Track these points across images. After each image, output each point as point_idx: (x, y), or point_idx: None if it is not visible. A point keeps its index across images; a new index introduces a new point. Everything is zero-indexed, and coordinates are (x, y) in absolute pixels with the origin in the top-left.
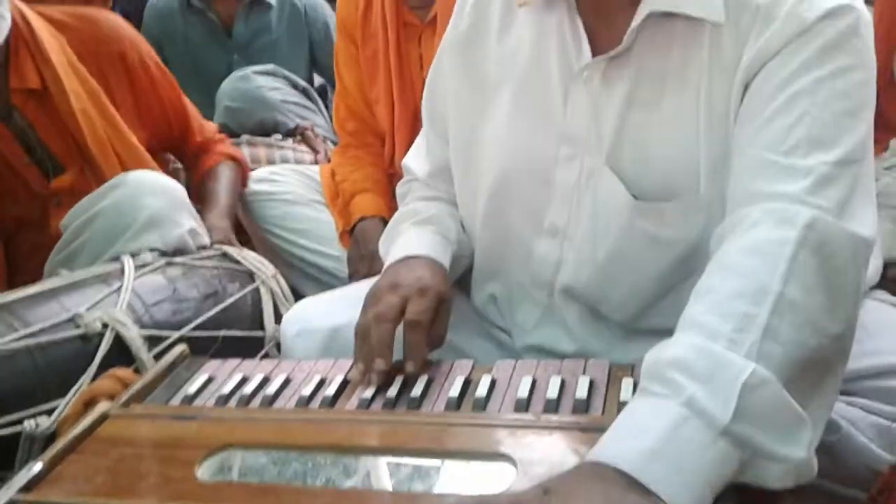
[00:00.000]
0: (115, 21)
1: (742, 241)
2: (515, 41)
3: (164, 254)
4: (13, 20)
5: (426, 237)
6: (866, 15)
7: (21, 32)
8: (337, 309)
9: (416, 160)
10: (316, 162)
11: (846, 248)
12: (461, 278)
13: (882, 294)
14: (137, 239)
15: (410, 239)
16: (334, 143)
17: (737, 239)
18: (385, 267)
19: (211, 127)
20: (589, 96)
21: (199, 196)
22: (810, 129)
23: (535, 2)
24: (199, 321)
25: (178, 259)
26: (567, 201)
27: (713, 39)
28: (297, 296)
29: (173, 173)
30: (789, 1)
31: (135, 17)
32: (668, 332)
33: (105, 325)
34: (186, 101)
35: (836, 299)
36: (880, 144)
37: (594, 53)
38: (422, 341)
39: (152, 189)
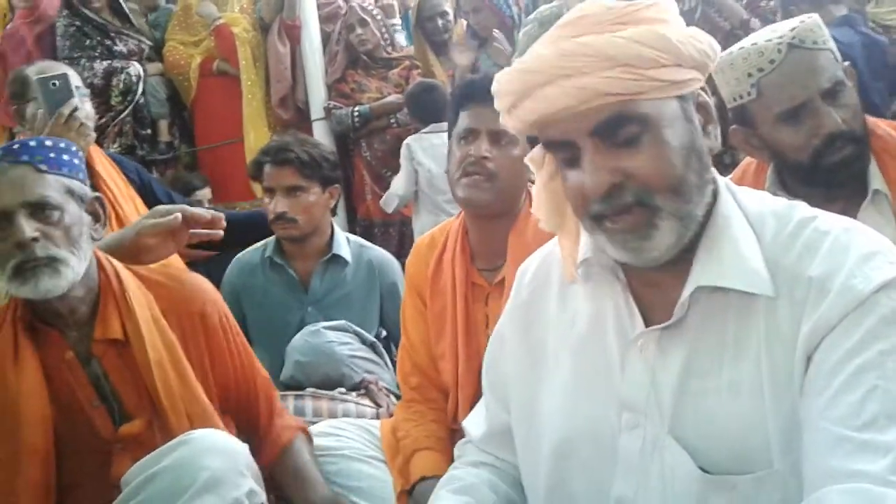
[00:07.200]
0: (200, 282)
1: None
2: (573, 310)
3: None
4: (106, 275)
5: None
6: None
7: (111, 287)
8: None
9: (473, 422)
10: (378, 416)
11: None
12: None
13: None
14: (195, 501)
15: None
16: (398, 398)
17: None
18: None
19: (275, 396)
20: (645, 364)
21: (282, 471)
22: (883, 404)
23: (586, 279)
24: None
25: None
26: (633, 472)
27: (768, 311)
28: None
29: None
30: (842, 273)
31: (216, 276)
32: None
33: None
34: (258, 368)
35: None
36: None
37: (648, 323)
38: None
39: (214, 449)
